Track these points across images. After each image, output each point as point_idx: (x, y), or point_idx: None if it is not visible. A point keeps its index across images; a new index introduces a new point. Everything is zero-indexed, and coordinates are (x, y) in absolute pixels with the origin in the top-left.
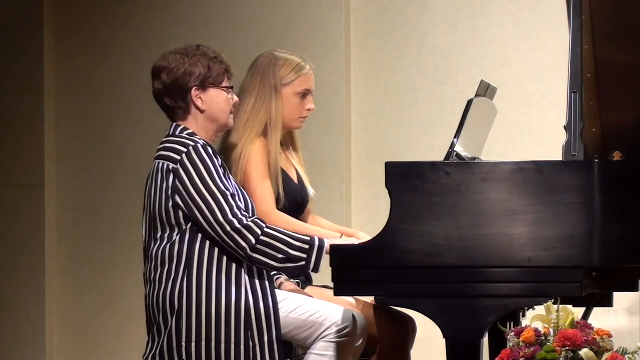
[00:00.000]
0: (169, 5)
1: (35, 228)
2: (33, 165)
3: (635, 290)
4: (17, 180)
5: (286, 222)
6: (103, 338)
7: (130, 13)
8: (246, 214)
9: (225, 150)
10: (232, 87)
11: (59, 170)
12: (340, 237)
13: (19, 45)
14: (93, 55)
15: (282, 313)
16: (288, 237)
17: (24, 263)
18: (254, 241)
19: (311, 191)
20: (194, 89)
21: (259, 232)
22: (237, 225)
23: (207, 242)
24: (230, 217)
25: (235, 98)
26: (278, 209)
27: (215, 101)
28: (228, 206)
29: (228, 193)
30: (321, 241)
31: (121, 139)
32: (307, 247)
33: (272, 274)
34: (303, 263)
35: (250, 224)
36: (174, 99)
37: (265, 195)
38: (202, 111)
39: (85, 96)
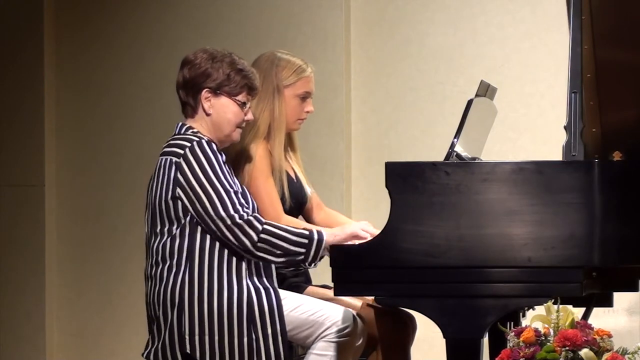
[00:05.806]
0: (168, 5)
1: (35, 228)
2: (33, 165)
3: (635, 290)
4: (17, 180)
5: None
6: (103, 338)
7: (130, 13)
8: (248, 210)
9: (228, 151)
10: (245, 103)
11: (59, 170)
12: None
13: (19, 45)
14: (93, 55)
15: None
16: (286, 232)
17: (24, 263)
18: (255, 237)
19: (309, 190)
20: (205, 90)
21: (260, 227)
22: (238, 220)
23: (208, 236)
24: (232, 211)
25: (250, 116)
26: (284, 209)
27: (222, 109)
28: (230, 201)
29: (231, 190)
30: (320, 234)
31: (121, 139)
32: (305, 241)
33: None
34: (302, 257)
35: (251, 218)
36: (186, 94)
37: (272, 198)
38: (207, 114)
39: (85, 96)
